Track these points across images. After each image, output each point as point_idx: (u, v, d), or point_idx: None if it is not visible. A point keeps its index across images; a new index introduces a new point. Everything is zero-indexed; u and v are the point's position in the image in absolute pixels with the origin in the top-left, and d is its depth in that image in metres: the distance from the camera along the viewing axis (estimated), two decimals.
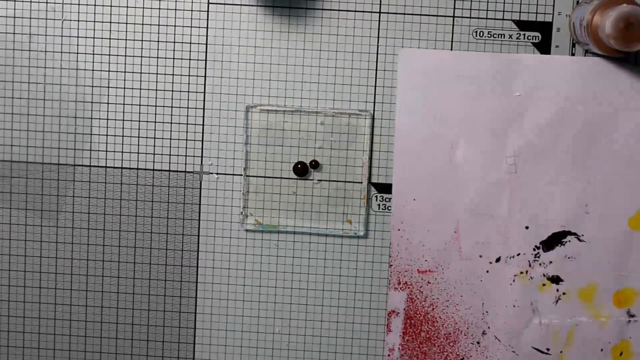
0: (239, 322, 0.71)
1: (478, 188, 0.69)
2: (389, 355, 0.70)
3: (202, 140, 0.69)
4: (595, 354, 0.70)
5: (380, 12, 0.68)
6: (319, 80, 0.69)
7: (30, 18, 0.68)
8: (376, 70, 0.68)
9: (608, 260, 0.69)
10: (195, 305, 0.71)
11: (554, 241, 0.69)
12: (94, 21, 0.68)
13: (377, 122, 0.69)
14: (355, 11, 0.68)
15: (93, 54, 0.69)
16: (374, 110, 0.69)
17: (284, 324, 0.71)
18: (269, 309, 0.71)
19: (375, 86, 0.69)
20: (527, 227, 0.69)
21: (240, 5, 0.68)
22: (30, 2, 0.68)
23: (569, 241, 0.69)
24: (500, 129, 0.68)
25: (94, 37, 0.68)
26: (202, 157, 0.69)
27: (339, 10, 0.68)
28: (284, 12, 0.68)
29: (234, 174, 0.70)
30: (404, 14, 0.68)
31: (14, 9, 0.68)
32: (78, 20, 0.68)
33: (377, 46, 0.68)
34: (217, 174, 0.70)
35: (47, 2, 0.68)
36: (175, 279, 0.71)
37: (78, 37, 0.68)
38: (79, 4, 0.68)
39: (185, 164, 0.70)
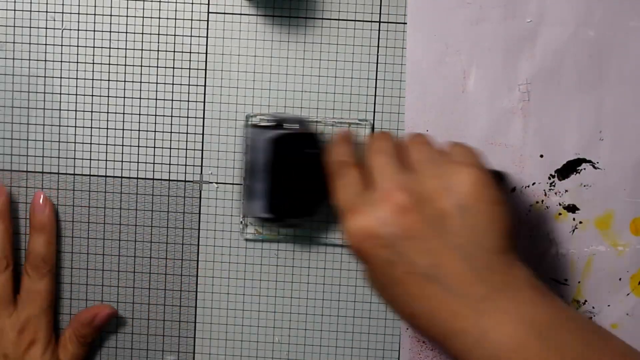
0: (238, 331, 0.71)
1: (491, 117, 0.67)
2: None
3: (202, 150, 0.69)
4: (614, 284, 0.69)
5: (380, 22, 0.68)
6: (318, 90, 0.69)
7: (30, 27, 0.68)
8: (376, 79, 0.68)
9: (624, 188, 0.68)
10: (195, 315, 0.71)
11: (569, 169, 0.68)
12: (94, 30, 0.68)
13: (376, 131, 0.69)
14: (355, 20, 0.68)
15: (93, 63, 0.68)
16: (373, 120, 0.69)
17: (283, 333, 0.71)
18: (268, 319, 0.71)
19: (375, 95, 0.69)
20: (541, 156, 0.68)
21: (240, 14, 0.68)
22: (30, 11, 0.68)
23: (584, 169, 0.68)
24: (511, 55, 0.67)
25: (93, 47, 0.68)
26: (202, 166, 0.69)
27: (338, 19, 0.68)
28: (284, 21, 0.68)
29: (233, 183, 0.69)
30: (404, 23, 0.68)
31: (14, 18, 0.68)
32: (78, 30, 0.68)
33: (377, 56, 0.68)
34: (217, 183, 0.70)
35: (47, 12, 0.68)
36: (175, 288, 0.70)
37: (78, 46, 0.68)
38: (78, 14, 0.68)
39: (185, 173, 0.69)
